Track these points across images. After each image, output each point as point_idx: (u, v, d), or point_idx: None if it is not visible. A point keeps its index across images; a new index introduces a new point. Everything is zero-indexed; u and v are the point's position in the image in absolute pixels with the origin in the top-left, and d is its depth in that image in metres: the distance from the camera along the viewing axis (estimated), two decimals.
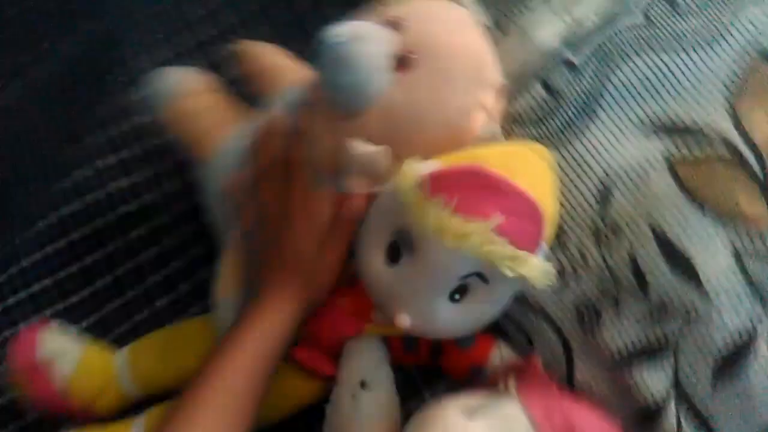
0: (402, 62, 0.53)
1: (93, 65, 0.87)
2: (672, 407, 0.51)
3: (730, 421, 0.51)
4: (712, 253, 0.51)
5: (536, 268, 0.47)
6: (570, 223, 0.55)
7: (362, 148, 0.52)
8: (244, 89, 0.79)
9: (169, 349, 0.64)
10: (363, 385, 0.55)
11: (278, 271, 0.55)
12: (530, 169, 0.50)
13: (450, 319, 0.51)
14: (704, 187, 0.52)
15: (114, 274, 0.75)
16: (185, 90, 0.68)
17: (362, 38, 0.52)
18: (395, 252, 0.50)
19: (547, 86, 0.57)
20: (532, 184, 0.48)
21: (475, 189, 0.46)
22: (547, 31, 0.59)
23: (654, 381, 0.52)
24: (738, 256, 0.51)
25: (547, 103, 0.57)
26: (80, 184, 0.77)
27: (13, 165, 0.86)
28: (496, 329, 0.58)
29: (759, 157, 0.51)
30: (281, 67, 0.72)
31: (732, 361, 0.50)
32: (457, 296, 0.50)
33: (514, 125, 0.58)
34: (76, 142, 0.80)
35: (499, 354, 0.56)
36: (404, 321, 0.50)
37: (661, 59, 0.56)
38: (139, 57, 0.82)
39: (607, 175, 0.54)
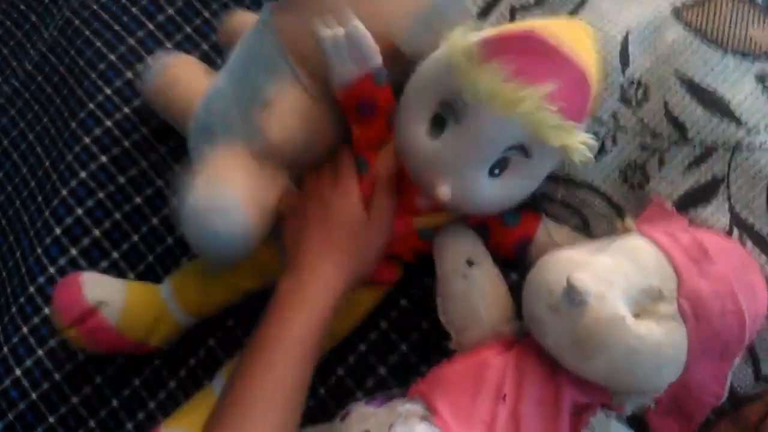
0: None
1: (63, 62, 0.84)
2: (737, 238, 0.53)
3: None
4: (736, 83, 0.52)
5: (579, 140, 0.47)
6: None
7: (328, 30, 0.52)
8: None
9: (209, 274, 0.64)
10: (470, 263, 0.56)
11: (327, 244, 0.54)
12: (580, 41, 0.50)
13: (488, 193, 0.51)
14: (714, 26, 0.54)
15: (149, 224, 0.74)
16: (166, 64, 0.70)
17: None
18: (439, 124, 0.50)
19: None
20: (582, 55, 0.48)
21: (528, 55, 0.46)
22: None
23: (714, 218, 0.53)
24: (760, 79, 0.52)
25: None
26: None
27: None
28: (549, 215, 0.59)
29: None
30: None
31: None
32: (497, 171, 0.50)
33: (516, 13, 0.58)
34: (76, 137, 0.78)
35: (545, 228, 0.57)
36: (444, 192, 0.49)
37: None
38: (108, 46, 0.81)
39: (622, 37, 0.55)
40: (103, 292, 0.61)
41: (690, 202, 0.54)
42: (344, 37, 0.52)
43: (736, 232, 0.53)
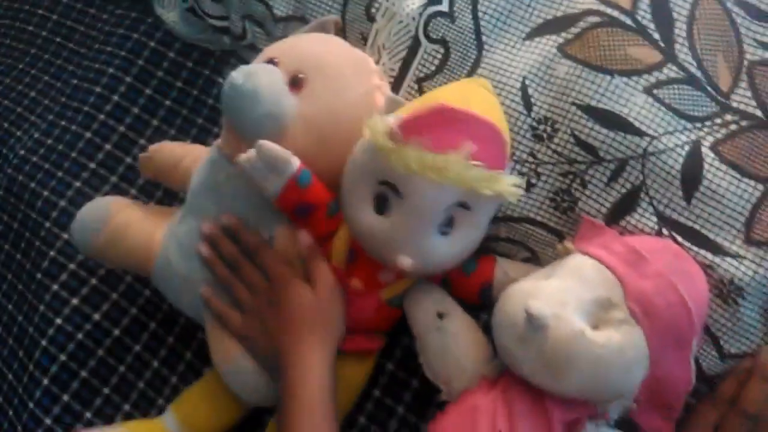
0: (295, 83, 0.60)
1: (17, 218, 0.87)
2: (667, 236, 0.58)
3: (716, 222, 0.57)
4: (629, 99, 0.58)
5: (508, 183, 0.53)
6: (511, 136, 0.60)
7: (243, 156, 0.57)
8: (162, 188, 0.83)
9: (215, 396, 0.66)
10: (440, 316, 0.61)
11: (296, 337, 0.59)
12: (481, 97, 0.57)
13: (444, 251, 0.57)
14: (596, 54, 0.59)
15: (133, 352, 0.77)
16: (102, 220, 0.69)
17: (256, 72, 0.59)
18: (383, 203, 0.55)
19: (432, 40, 0.64)
20: (486, 110, 0.55)
21: (442, 125, 0.53)
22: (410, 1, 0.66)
23: (642, 223, 0.58)
24: (649, 91, 0.58)
25: (439, 52, 0.64)
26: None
27: None
28: (498, 254, 0.63)
29: (622, 10, 0.60)
30: (185, 154, 0.74)
31: (691, 173, 0.57)
32: (446, 229, 0.56)
33: (422, 83, 0.64)
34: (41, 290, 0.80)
35: (501, 268, 0.62)
36: (406, 262, 0.55)
37: None
38: (56, 193, 0.84)
39: (520, 84, 0.61)
40: None
41: (618, 213, 0.59)
42: (256, 157, 0.56)
43: (665, 230, 0.58)
